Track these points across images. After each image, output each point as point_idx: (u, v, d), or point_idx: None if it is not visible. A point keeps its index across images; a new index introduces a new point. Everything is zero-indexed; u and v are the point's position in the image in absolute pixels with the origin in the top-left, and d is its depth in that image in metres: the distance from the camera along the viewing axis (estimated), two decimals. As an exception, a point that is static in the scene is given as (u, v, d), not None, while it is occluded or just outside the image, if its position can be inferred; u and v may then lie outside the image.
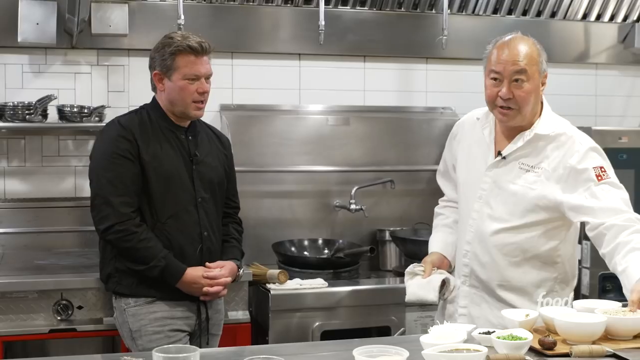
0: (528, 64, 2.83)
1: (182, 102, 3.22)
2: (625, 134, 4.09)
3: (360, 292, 3.88)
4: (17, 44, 4.12)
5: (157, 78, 3.23)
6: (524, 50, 2.85)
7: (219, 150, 3.42)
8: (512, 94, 2.83)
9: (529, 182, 2.87)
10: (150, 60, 3.28)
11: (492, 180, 2.95)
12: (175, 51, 3.18)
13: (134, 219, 3.13)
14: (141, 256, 3.12)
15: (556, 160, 2.85)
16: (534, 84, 2.85)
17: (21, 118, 4.06)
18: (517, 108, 2.85)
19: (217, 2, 4.46)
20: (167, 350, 2.12)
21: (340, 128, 4.58)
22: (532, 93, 2.84)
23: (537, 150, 2.89)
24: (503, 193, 2.92)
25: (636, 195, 4.07)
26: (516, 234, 2.90)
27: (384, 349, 2.24)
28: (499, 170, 2.94)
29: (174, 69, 3.19)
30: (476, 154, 3.04)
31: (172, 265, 3.14)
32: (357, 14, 4.68)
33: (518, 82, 2.83)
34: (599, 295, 3.99)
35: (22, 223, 4.21)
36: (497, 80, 2.86)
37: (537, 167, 2.88)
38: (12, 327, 3.46)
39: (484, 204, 2.96)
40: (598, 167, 2.80)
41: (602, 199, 2.77)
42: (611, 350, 2.38)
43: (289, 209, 4.48)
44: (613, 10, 5.03)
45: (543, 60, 2.88)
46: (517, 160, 2.91)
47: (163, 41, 3.25)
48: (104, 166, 3.17)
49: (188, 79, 3.19)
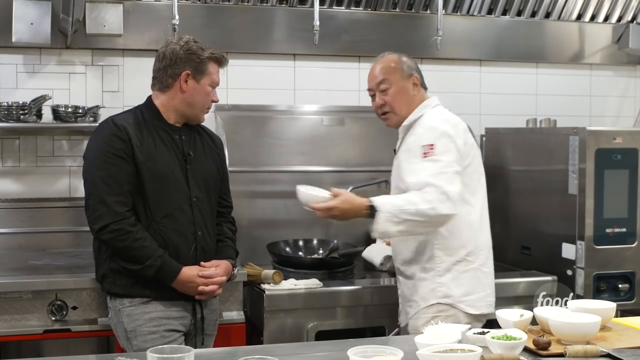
0: (386, 74, 3.44)
1: (201, 106, 3.30)
2: (619, 135, 4.09)
3: (355, 292, 3.88)
4: (11, 44, 4.11)
5: (185, 78, 3.23)
6: (381, 65, 3.48)
7: (212, 150, 3.43)
8: (384, 100, 3.45)
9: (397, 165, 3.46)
10: (174, 58, 3.23)
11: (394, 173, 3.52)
12: (212, 57, 3.28)
13: (129, 218, 3.12)
14: (136, 255, 3.11)
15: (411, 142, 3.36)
16: (398, 87, 3.43)
17: (15, 118, 4.05)
18: (391, 110, 3.46)
19: (211, 2, 4.46)
20: (162, 350, 2.12)
21: (335, 128, 4.58)
22: (398, 95, 3.43)
23: (405, 138, 3.44)
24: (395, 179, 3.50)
25: (630, 195, 4.08)
26: None
27: (378, 349, 2.24)
28: (394, 163, 3.52)
29: (206, 74, 3.26)
30: None
31: (168, 264, 3.14)
32: (351, 14, 4.69)
33: (383, 91, 3.45)
34: (594, 296, 4.00)
35: (17, 223, 4.21)
36: (372, 96, 3.52)
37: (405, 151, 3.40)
38: (6, 328, 3.45)
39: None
40: (427, 145, 3.26)
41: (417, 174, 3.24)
42: (606, 350, 2.38)
43: (283, 209, 4.48)
44: (607, 10, 5.05)
45: (404, 66, 3.46)
46: (400, 151, 3.47)
47: (192, 44, 3.26)
48: (98, 165, 3.16)
49: (212, 86, 3.31)
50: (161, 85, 3.28)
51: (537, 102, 5.12)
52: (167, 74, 3.25)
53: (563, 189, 4.09)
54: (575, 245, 4.05)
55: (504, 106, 5.08)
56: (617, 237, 4.06)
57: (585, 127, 4.06)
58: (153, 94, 3.32)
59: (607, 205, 4.03)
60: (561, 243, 4.13)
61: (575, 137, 4.03)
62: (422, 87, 3.50)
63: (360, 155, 4.61)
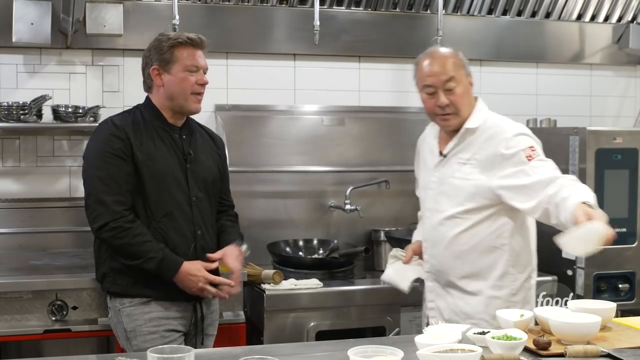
0: (454, 70, 3.09)
1: (183, 94, 3.22)
2: (619, 135, 4.09)
3: (355, 293, 3.88)
4: (11, 44, 4.11)
5: (156, 73, 3.22)
6: (446, 60, 3.12)
7: (212, 150, 3.42)
8: (450, 100, 3.09)
9: (467, 174, 3.10)
10: (144, 59, 3.28)
11: (438, 179, 3.20)
12: (175, 44, 3.21)
13: (127, 216, 3.12)
14: (137, 251, 3.10)
15: (488, 149, 3.06)
16: (463, 86, 3.11)
17: (16, 118, 4.05)
18: (455, 112, 3.11)
19: (211, 2, 4.46)
20: (162, 350, 2.12)
21: (335, 128, 4.58)
22: (464, 95, 3.11)
23: (471, 144, 3.12)
24: (446, 187, 3.16)
25: (630, 195, 4.08)
26: (461, 223, 3.11)
27: (378, 349, 2.24)
28: (443, 169, 3.19)
29: (174, 61, 3.21)
30: (428, 159, 3.32)
31: (169, 257, 3.13)
32: (352, 14, 4.68)
33: (450, 89, 3.08)
34: (594, 296, 4.00)
35: (17, 223, 4.21)
36: (431, 93, 3.12)
37: (472, 159, 3.10)
38: (6, 328, 3.45)
39: (433, 201, 3.22)
40: (528, 148, 2.99)
41: (533, 174, 2.93)
42: (606, 350, 2.38)
43: (283, 209, 4.48)
44: (607, 10, 5.05)
45: (465, 64, 3.14)
46: (456, 156, 3.15)
47: (158, 38, 3.26)
48: (97, 165, 3.16)
49: (188, 70, 3.22)
50: (146, 87, 3.31)
51: (537, 102, 5.12)
52: (145, 75, 3.29)
53: (563, 189, 4.09)
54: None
55: (504, 106, 5.03)
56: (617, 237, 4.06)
57: (585, 127, 4.06)
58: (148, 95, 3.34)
59: (607, 205, 4.01)
60: (561, 243, 4.12)
61: (575, 137, 4.04)
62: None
63: (360, 155, 4.61)
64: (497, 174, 3.01)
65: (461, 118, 3.12)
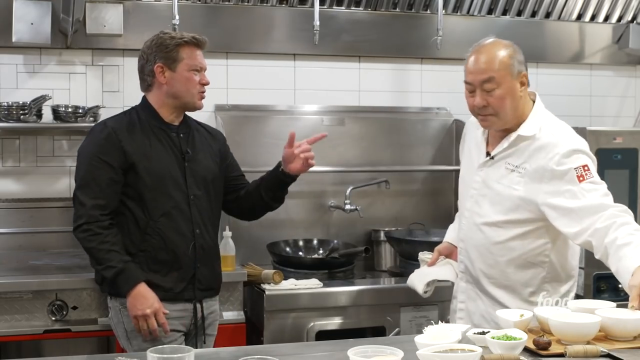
0: (495, 70, 2.83)
1: (188, 92, 3.25)
2: (619, 135, 4.09)
3: (355, 293, 3.88)
4: (11, 44, 4.11)
5: (159, 71, 3.22)
6: (490, 57, 2.85)
7: (211, 147, 3.42)
8: (487, 102, 2.85)
9: (513, 182, 2.90)
10: (145, 56, 3.26)
11: (482, 180, 2.99)
12: (181, 42, 3.23)
13: (102, 222, 3.13)
14: (100, 257, 3.12)
15: (538, 161, 2.85)
16: (506, 88, 2.84)
17: (15, 118, 4.05)
18: (494, 114, 2.87)
19: (211, 2, 4.46)
20: (162, 350, 2.12)
21: (335, 128, 4.58)
22: (506, 98, 2.84)
23: (521, 150, 2.90)
24: (490, 192, 2.96)
25: (630, 195, 4.08)
26: (501, 233, 2.93)
27: (378, 349, 2.24)
28: (488, 170, 2.98)
29: (179, 60, 3.22)
30: (473, 153, 3.09)
31: (129, 272, 3.11)
32: (352, 14, 4.68)
33: (489, 91, 2.84)
34: (594, 296, 3.99)
35: (17, 223, 4.21)
36: (471, 91, 2.90)
37: (520, 167, 2.89)
38: (6, 328, 3.45)
39: (474, 202, 3.01)
40: (580, 167, 2.79)
41: (582, 198, 2.75)
42: (606, 350, 2.38)
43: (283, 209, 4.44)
44: (607, 10, 5.04)
45: (515, 62, 2.85)
46: (504, 160, 2.94)
47: (161, 36, 3.26)
48: (84, 168, 3.20)
49: (194, 69, 3.24)
50: (145, 85, 3.31)
51: (537, 102, 5.11)
52: (145, 73, 3.28)
53: (563, 189, 4.09)
54: (575, 245, 4.04)
55: (504, 106, 5.08)
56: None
57: (585, 127, 4.06)
58: (145, 94, 3.33)
59: (607, 205, 4.02)
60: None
61: (575, 137, 4.03)
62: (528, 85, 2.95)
63: (360, 155, 4.61)
64: (545, 189, 2.82)
65: (502, 121, 2.89)
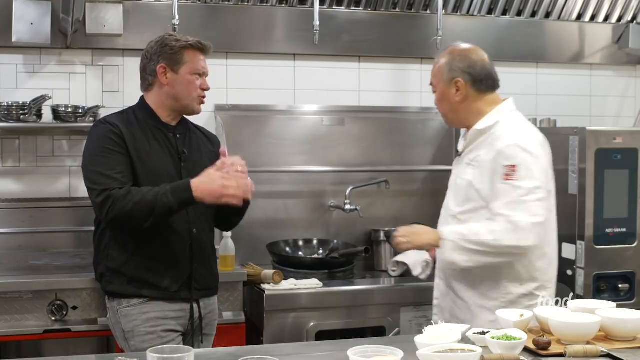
0: (433, 76, 3.19)
1: (188, 95, 3.24)
2: (619, 135, 4.09)
3: (355, 293, 3.88)
4: (11, 44, 4.11)
5: (162, 71, 3.22)
6: (435, 64, 3.20)
7: (207, 149, 3.41)
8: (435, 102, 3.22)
9: (468, 174, 3.10)
10: (148, 56, 3.25)
11: (454, 176, 3.23)
12: (187, 46, 3.22)
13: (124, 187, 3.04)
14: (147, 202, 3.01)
15: (487, 154, 3.03)
16: (440, 93, 3.16)
17: (15, 118, 4.05)
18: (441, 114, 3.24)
19: (211, 2, 4.46)
20: (162, 350, 2.12)
21: (335, 128, 4.58)
22: (442, 100, 3.16)
23: (477, 145, 3.11)
24: (455, 187, 3.19)
25: (630, 195, 4.08)
26: (460, 222, 3.09)
27: (378, 349, 2.24)
28: (458, 167, 3.21)
29: (183, 62, 3.22)
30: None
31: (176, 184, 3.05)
32: (351, 14, 4.68)
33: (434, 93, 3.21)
34: (594, 296, 4.00)
35: (17, 223, 4.21)
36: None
37: (475, 160, 3.09)
38: (6, 328, 3.45)
39: (447, 198, 3.24)
40: (509, 166, 2.95)
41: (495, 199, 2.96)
42: (605, 350, 2.38)
43: (283, 209, 4.48)
44: (607, 10, 5.05)
45: (447, 69, 3.13)
46: (467, 155, 3.15)
47: (167, 37, 3.25)
48: (96, 161, 3.14)
49: (195, 74, 3.24)
50: (146, 85, 3.30)
51: (537, 102, 5.12)
52: (147, 72, 3.27)
53: (563, 189, 4.08)
54: (575, 245, 4.05)
55: (504, 106, 5.08)
56: (617, 237, 4.06)
57: (585, 127, 4.05)
58: (144, 94, 3.33)
59: (607, 205, 4.03)
60: (561, 243, 4.11)
61: (575, 137, 4.03)
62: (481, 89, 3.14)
63: (360, 155, 4.61)
64: (485, 178, 3.02)
65: (448, 120, 3.23)
